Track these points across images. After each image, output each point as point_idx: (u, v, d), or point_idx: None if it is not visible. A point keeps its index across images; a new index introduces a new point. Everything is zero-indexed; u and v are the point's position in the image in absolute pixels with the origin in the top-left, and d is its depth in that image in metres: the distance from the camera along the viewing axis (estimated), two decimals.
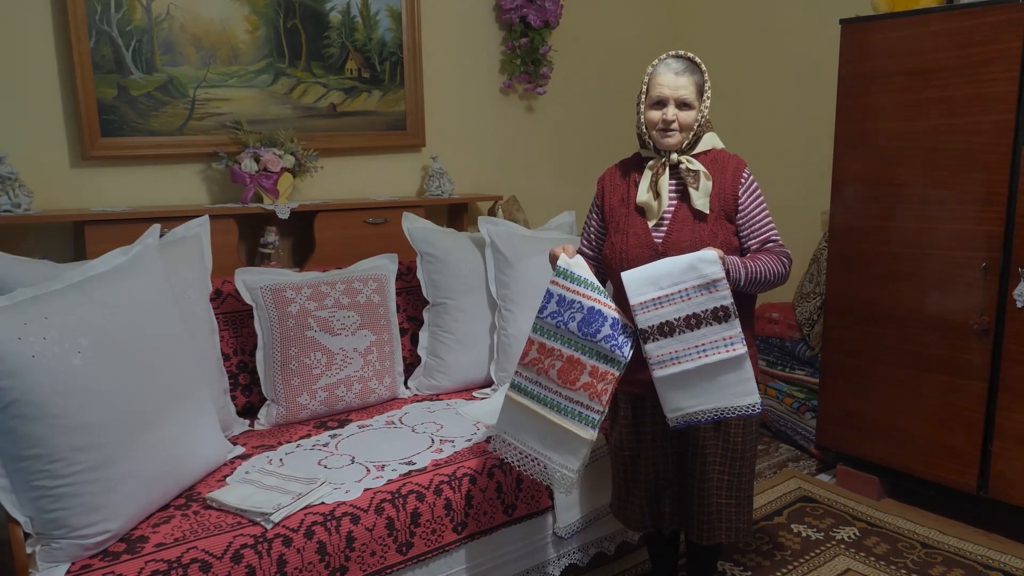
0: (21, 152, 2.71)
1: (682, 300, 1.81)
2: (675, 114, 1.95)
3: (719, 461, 2.00)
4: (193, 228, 2.47)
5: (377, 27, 3.37)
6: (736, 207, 1.99)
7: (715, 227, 1.96)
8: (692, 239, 1.94)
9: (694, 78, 1.97)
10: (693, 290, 1.81)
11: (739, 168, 2.02)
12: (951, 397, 2.67)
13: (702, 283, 1.80)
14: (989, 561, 2.53)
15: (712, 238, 1.94)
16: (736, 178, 2.00)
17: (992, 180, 2.49)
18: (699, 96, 1.97)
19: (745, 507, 2.05)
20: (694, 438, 2.00)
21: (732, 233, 1.99)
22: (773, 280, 1.96)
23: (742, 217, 2.00)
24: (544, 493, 2.30)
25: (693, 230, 1.95)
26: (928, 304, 2.70)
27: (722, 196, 1.98)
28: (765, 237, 2.00)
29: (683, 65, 1.97)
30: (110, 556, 1.72)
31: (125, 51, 2.84)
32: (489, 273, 2.76)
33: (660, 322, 1.82)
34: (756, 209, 2.01)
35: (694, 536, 2.05)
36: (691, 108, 1.96)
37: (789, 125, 3.91)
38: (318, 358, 2.49)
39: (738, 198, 1.99)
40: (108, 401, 1.75)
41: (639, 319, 1.83)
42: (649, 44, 4.26)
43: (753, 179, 2.03)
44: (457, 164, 3.69)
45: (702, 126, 2.00)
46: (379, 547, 1.97)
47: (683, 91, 1.95)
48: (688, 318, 1.82)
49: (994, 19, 2.43)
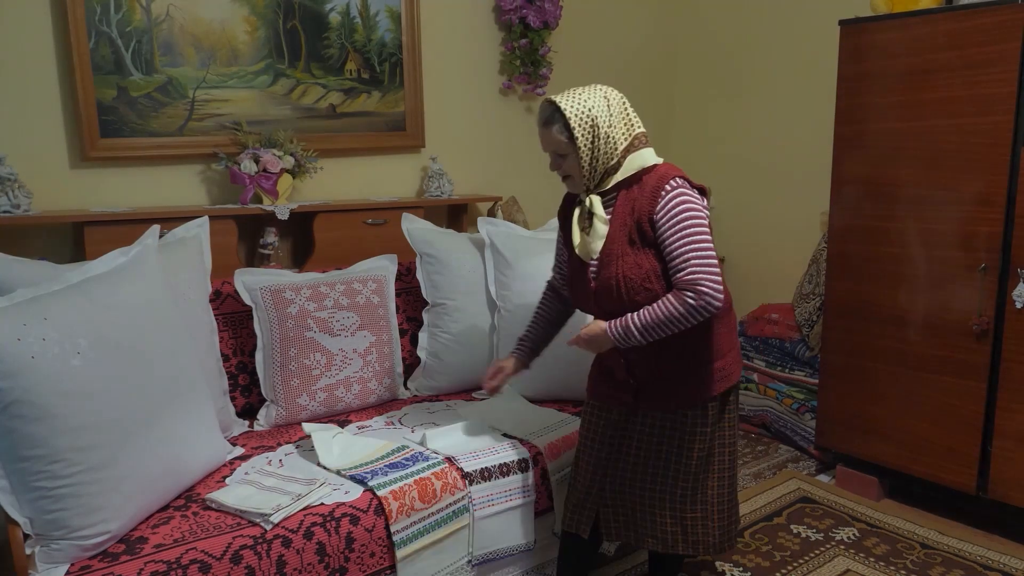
0: (21, 153, 2.71)
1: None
2: (557, 166, 1.95)
3: (682, 472, 1.99)
4: (193, 229, 2.47)
5: (376, 28, 3.37)
6: (655, 230, 1.87)
7: (638, 258, 1.88)
8: (615, 276, 1.89)
9: (555, 126, 1.88)
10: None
11: (659, 185, 1.86)
12: (951, 398, 2.67)
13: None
14: (989, 562, 2.53)
15: (635, 270, 1.87)
16: (654, 199, 1.86)
17: (991, 181, 2.49)
18: (570, 140, 1.87)
19: (717, 519, 2.03)
20: (647, 447, 2.00)
21: (661, 259, 1.88)
22: (678, 321, 1.82)
23: (660, 240, 1.86)
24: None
25: (616, 266, 1.90)
26: (927, 305, 2.70)
27: (639, 221, 1.88)
28: (677, 266, 1.83)
29: (544, 115, 1.91)
30: (109, 557, 1.72)
31: (125, 52, 2.84)
32: (489, 274, 2.76)
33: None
34: (672, 233, 1.84)
35: (652, 545, 2.05)
36: (566, 155, 1.90)
37: (788, 126, 3.91)
38: (318, 359, 2.49)
39: (655, 220, 1.86)
40: (107, 402, 1.75)
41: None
42: (649, 45, 4.27)
43: (676, 195, 1.84)
44: (457, 165, 3.69)
45: (605, 160, 1.90)
46: (379, 548, 1.96)
47: (550, 145, 1.92)
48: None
49: (993, 20, 2.44)
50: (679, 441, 1.99)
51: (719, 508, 2.04)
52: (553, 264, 2.27)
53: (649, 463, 2.01)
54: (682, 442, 1.99)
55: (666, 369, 1.96)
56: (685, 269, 1.82)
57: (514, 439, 2.31)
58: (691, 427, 1.98)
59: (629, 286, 1.88)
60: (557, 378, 2.63)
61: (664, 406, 1.98)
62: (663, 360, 1.96)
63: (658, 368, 1.97)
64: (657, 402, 1.98)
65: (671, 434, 1.99)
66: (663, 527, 2.03)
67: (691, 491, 2.01)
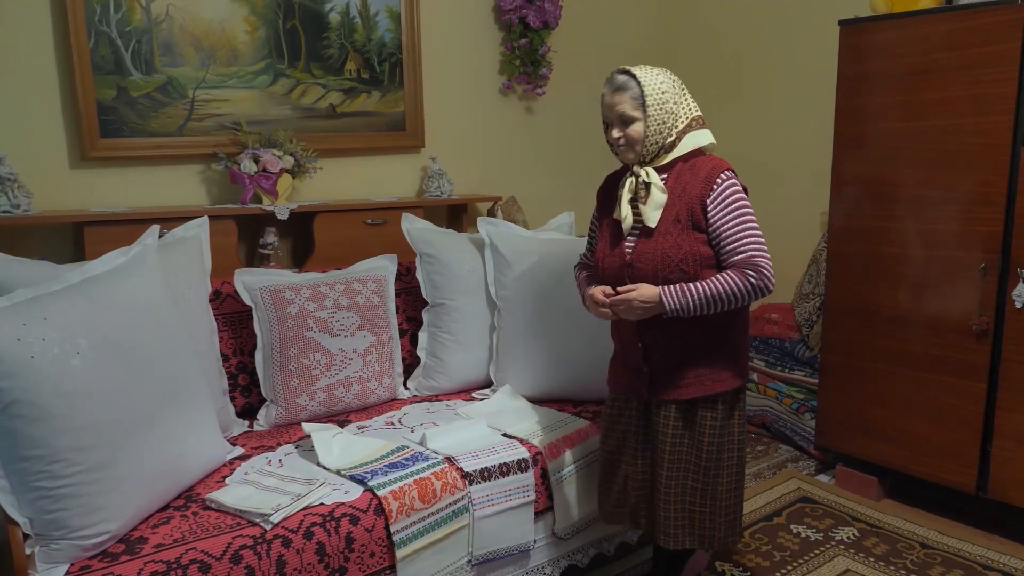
0: (21, 153, 2.71)
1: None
2: (620, 132, 1.99)
3: (693, 466, 2.03)
4: (192, 229, 2.47)
5: (376, 28, 3.37)
6: (705, 215, 1.94)
7: (679, 238, 1.94)
8: (654, 250, 1.95)
9: (629, 92, 1.96)
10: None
11: (713, 173, 1.95)
12: (951, 398, 2.67)
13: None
14: (988, 561, 2.53)
15: (675, 249, 1.93)
16: (707, 184, 1.94)
17: (991, 181, 2.49)
18: (640, 108, 1.95)
19: (724, 515, 2.06)
20: (662, 440, 2.03)
21: (703, 242, 1.94)
22: (734, 298, 1.90)
23: (711, 227, 1.94)
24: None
25: (656, 242, 1.95)
26: (927, 305, 2.70)
27: (689, 204, 1.95)
28: (733, 249, 1.92)
29: (619, 81, 1.98)
30: (109, 557, 1.71)
31: (124, 52, 2.84)
32: (488, 274, 2.76)
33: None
34: (727, 218, 1.93)
35: (660, 541, 2.08)
36: (634, 121, 1.96)
37: (788, 126, 3.91)
38: (317, 359, 2.49)
39: (707, 206, 1.94)
40: (107, 402, 1.75)
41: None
42: (648, 45, 4.27)
43: (729, 184, 1.95)
44: (456, 165, 3.70)
45: (666, 132, 1.97)
46: (378, 548, 1.96)
47: (619, 108, 1.97)
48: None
49: (993, 20, 2.43)
50: (692, 435, 2.03)
51: (726, 504, 2.07)
52: (583, 251, 2.32)
53: (665, 456, 2.04)
54: (694, 436, 2.03)
55: (682, 359, 2.00)
56: (744, 252, 1.91)
57: (514, 439, 2.32)
58: (704, 421, 2.02)
59: (666, 263, 1.93)
60: (557, 378, 2.63)
61: (678, 395, 2.01)
62: (681, 350, 2.00)
63: (674, 357, 2.01)
64: (671, 391, 2.01)
65: (685, 428, 2.03)
66: (673, 521, 2.05)
67: (701, 485, 2.04)
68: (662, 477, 2.04)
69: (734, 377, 2.03)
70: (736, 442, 2.07)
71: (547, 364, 2.63)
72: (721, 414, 2.03)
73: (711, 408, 2.02)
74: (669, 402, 2.02)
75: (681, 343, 1.99)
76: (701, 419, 2.02)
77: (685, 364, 2.00)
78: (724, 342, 2.02)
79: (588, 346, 2.59)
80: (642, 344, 2.02)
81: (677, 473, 2.03)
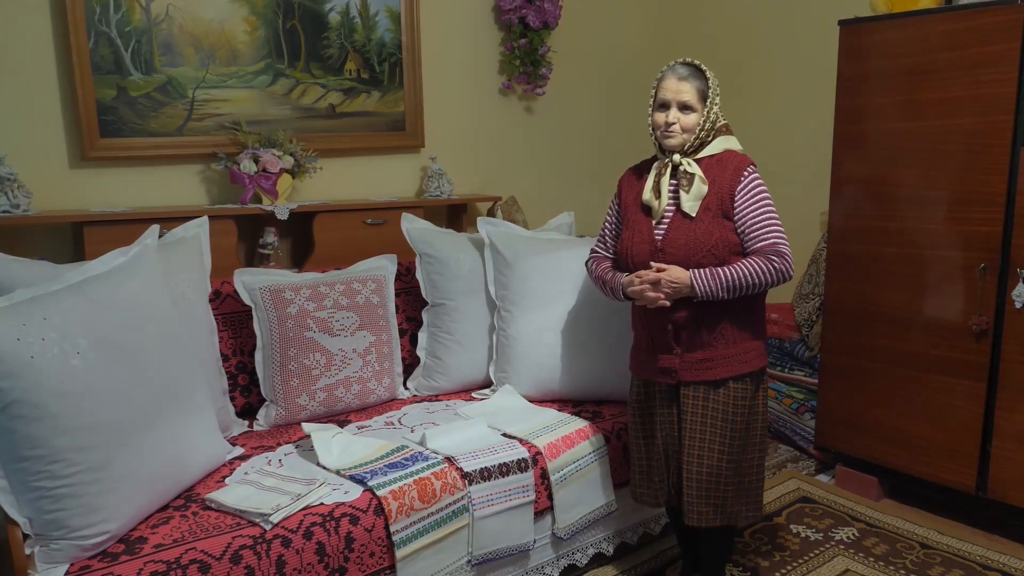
0: (20, 153, 2.71)
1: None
2: (676, 116, 2.06)
3: (719, 446, 2.07)
4: (192, 229, 2.47)
5: (376, 28, 3.37)
6: (733, 205, 2.04)
7: (710, 225, 2.04)
8: (687, 237, 2.04)
9: (697, 83, 2.06)
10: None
11: (740, 166, 2.07)
12: (950, 397, 2.67)
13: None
14: (988, 561, 2.53)
15: (706, 236, 2.03)
16: (736, 176, 2.05)
17: (991, 181, 2.49)
18: (701, 100, 2.06)
19: (748, 492, 2.13)
20: (692, 422, 2.08)
21: (730, 230, 2.05)
22: (759, 282, 2.00)
23: (738, 215, 2.05)
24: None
25: (688, 228, 2.05)
26: (927, 305, 2.70)
27: (719, 194, 2.05)
28: (758, 236, 2.04)
29: (688, 71, 2.07)
30: (109, 557, 1.72)
31: (124, 52, 2.84)
32: (488, 274, 2.76)
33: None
34: (753, 208, 2.04)
35: (688, 520, 2.11)
36: (692, 111, 2.06)
37: (788, 126, 3.91)
38: (317, 359, 2.49)
39: (735, 196, 2.05)
40: (107, 402, 1.75)
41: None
42: (648, 45, 4.27)
43: (755, 178, 2.07)
44: (456, 165, 3.69)
45: (709, 130, 2.08)
46: (378, 548, 1.96)
47: (684, 95, 2.05)
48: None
49: (993, 20, 2.43)
50: (720, 415, 2.07)
51: (750, 482, 2.14)
52: (595, 244, 2.34)
53: (696, 437, 2.08)
54: (723, 416, 2.07)
55: (710, 341, 2.06)
56: (767, 239, 2.02)
57: (514, 439, 2.32)
58: (731, 401, 2.08)
59: (699, 248, 2.02)
60: (557, 378, 2.63)
61: (707, 375, 2.06)
62: (709, 332, 2.06)
63: (703, 339, 2.06)
64: (700, 372, 2.06)
65: (714, 408, 2.07)
66: (702, 500, 2.08)
67: (728, 464, 2.08)
68: (692, 457, 2.08)
69: (758, 357, 2.12)
70: (760, 421, 2.14)
71: (547, 364, 2.63)
72: (748, 394, 2.10)
73: (738, 388, 2.08)
74: (698, 383, 2.08)
75: (708, 325, 2.05)
76: (728, 399, 2.07)
77: (713, 345, 2.06)
78: (748, 324, 2.10)
79: (588, 346, 2.59)
80: (672, 326, 2.06)
81: (706, 452, 2.07)
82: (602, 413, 2.55)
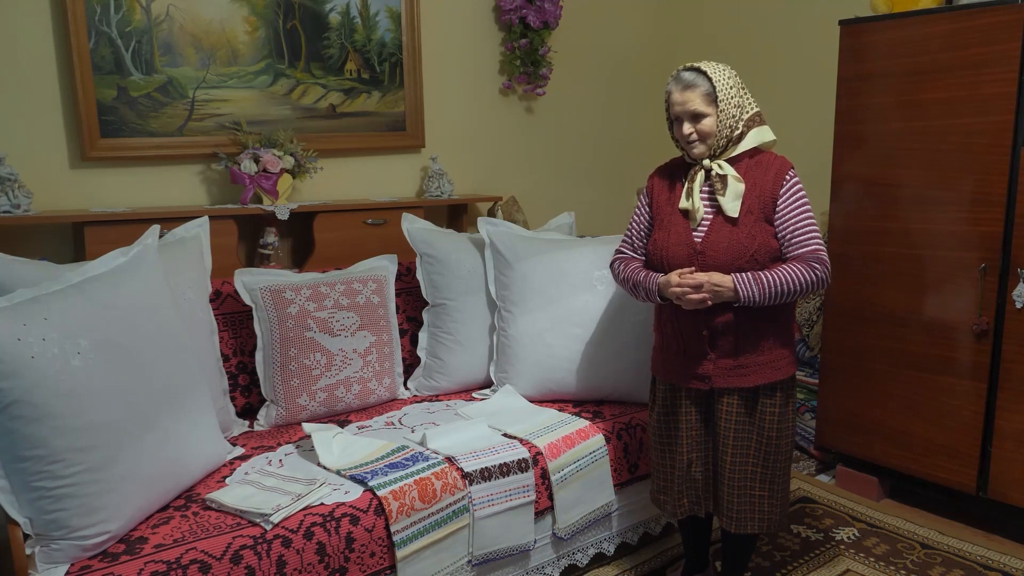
0: (21, 153, 2.71)
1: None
2: (691, 128, 2.01)
3: (752, 452, 2.07)
4: (192, 229, 2.47)
5: (376, 28, 3.37)
6: (775, 209, 2.02)
7: (753, 229, 2.00)
8: (729, 240, 2.00)
9: (702, 88, 1.99)
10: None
11: (782, 170, 2.04)
12: (951, 398, 2.67)
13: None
14: (988, 562, 2.53)
15: (749, 240, 1.99)
16: (778, 180, 2.03)
17: (991, 181, 2.49)
18: (712, 103, 1.99)
19: (779, 498, 2.12)
20: (726, 428, 2.07)
21: (771, 235, 2.02)
22: (800, 288, 1.97)
23: (779, 219, 2.02)
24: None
25: (730, 232, 2.01)
26: (927, 305, 2.70)
27: (762, 198, 2.02)
28: (800, 241, 2.01)
29: (691, 77, 2.01)
30: (109, 557, 1.72)
31: (125, 52, 2.84)
32: (488, 274, 2.76)
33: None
34: (793, 213, 2.01)
35: (725, 525, 2.12)
36: (706, 116, 2.00)
37: (788, 126, 3.89)
38: (317, 359, 2.49)
39: (777, 200, 2.02)
40: (107, 402, 1.75)
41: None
42: (648, 45, 4.26)
43: (796, 181, 2.04)
44: (456, 165, 3.70)
45: (732, 127, 2.02)
46: (379, 548, 1.96)
47: (691, 104, 2.00)
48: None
49: (993, 20, 2.43)
50: (754, 422, 2.07)
51: (781, 487, 2.13)
52: (620, 243, 2.27)
53: (729, 443, 2.07)
54: (757, 423, 2.07)
55: (745, 347, 2.04)
56: (810, 245, 2.00)
57: (514, 439, 2.32)
58: (765, 408, 2.07)
59: (742, 253, 1.98)
60: (557, 378, 2.63)
61: (742, 383, 2.05)
62: (745, 339, 2.03)
63: (738, 346, 2.04)
64: (735, 379, 2.05)
65: (747, 415, 2.07)
66: (738, 507, 2.09)
67: (761, 470, 2.08)
68: (726, 464, 2.07)
69: (789, 365, 2.10)
70: (790, 428, 2.13)
71: (547, 364, 2.63)
72: (780, 401, 2.08)
73: (771, 396, 2.07)
74: (732, 390, 2.06)
75: (744, 331, 2.03)
76: (762, 406, 2.07)
77: (747, 352, 2.04)
78: (780, 331, 2.08)
79: (589, 346, 2.59)
80: (708, 331, 2.04)
81: (741, 459, 2.07)
82: (603, 413, 2.55)
